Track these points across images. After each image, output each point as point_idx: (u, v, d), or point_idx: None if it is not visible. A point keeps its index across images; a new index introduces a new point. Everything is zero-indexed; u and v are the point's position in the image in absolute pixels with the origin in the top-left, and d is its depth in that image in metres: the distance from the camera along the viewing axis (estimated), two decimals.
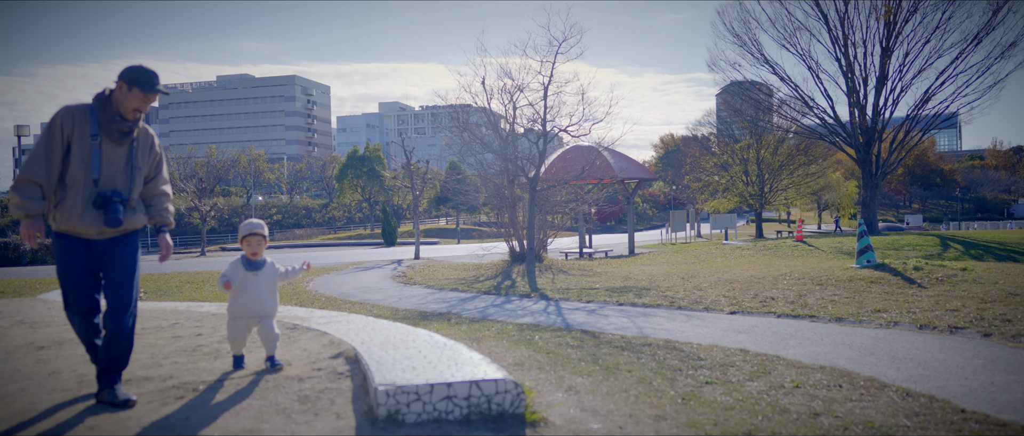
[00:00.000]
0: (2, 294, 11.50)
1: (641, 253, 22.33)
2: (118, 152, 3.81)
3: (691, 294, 9.88)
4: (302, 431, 3.26)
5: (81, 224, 3.70)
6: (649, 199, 76.34)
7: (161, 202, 4.08)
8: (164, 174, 4.13)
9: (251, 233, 4.19)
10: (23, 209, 3.63)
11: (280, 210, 68.83)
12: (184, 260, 27.89)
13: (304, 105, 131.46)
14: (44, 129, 3.74)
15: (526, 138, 17.09)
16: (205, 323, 6.38)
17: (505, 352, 5.63)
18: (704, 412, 3.76)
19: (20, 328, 6.65)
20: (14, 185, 3.65)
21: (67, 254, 3.75)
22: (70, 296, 3.79)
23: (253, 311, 4.20)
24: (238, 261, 4.18)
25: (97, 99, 3.80)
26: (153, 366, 4.72)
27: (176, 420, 3.48)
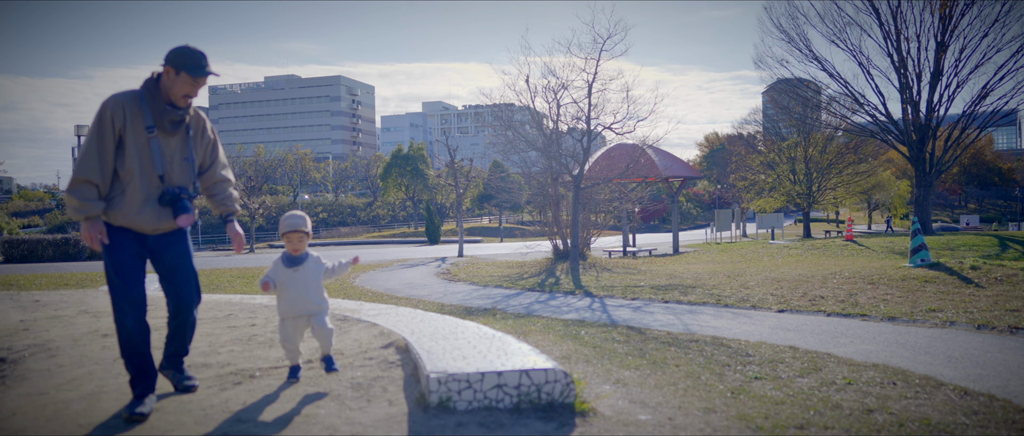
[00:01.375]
0: (66, 285, 11.95)
1: (686, 252, 22.11)
2: (172, 143, 3.59)
3: (738, 292, 9.77)
4: (356, 417, 3.34)
5: (139, 220, 3.51)
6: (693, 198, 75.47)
7: (224, 190, 3.85)
8: (222, 159, 3.88)
9: (292, 229, 3.84)
10: (82, 212, 3.40)
11: (326, 208, 69.96)
12: (234, 256, 28.55)
13: (349, 105, 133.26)
14: (93, 123, 3.47)
15: (570, 136, 17.07)
16: (258, 314, 6.55)
17: (552, 346, 5.66)
18: (754, 406, 3.74)
19: (84, 317, 6.92)
20: (69, 187, 3.44)
21: (118, 249, 3.52)
22: (120, 292, 3.52)
23: (301, 309, 3.88)
24: (279, 259, 3.89)
25: (146, 86, 3.54)
26: (211, 353, 4.88)
27: (235, 404, 3.60)
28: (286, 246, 3.87)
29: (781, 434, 3.23)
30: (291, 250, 3.88)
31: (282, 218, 3.88)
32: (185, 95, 3.51)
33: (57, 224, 62.91)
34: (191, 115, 3.67)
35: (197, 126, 3.72)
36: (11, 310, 7.63)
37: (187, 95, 3.52)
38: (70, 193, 3.42)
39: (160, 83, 3.52)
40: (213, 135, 3.83)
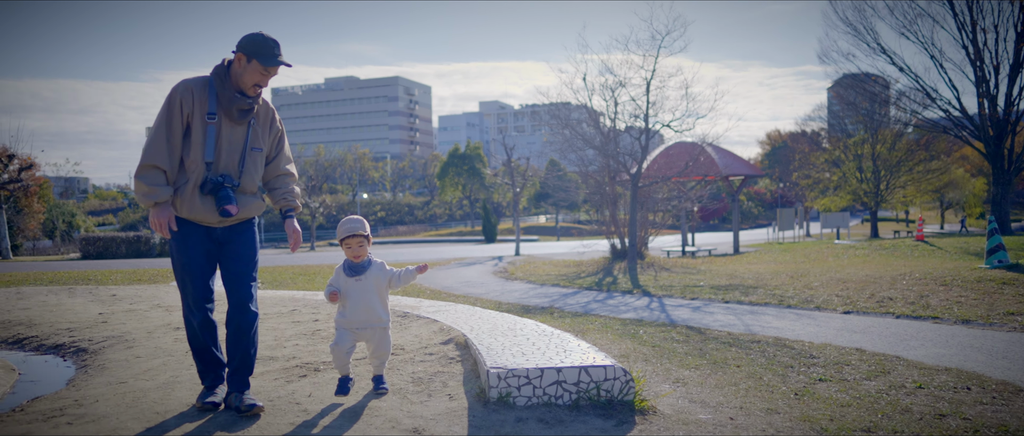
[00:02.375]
0: (139, 281, 12.45)
1: (746, 252, 21.69)
2: (237, 132, 3.45)
3: (801, 293, 9.54)
4: (418, 410, 3.40)
5: (202, 211, 3.39)
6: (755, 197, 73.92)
7: (286, 184, 3.68)
8: (287, 152, 3.73)
9: (351, 234, 3.54)
10: (150, 197, 3.30)
11: (384, 207, 71.07)
12: (295, 254, 29.27)
13: (406, 105, 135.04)
14: (162, 108, 3.37)
15: (627, 134, 16.94)
16: (321, 310, 6.71)
17: (610, 344, 5.64)
18: (819, 408, 3.65)
19: (157, 311, 7.22)
20: (137, 172, 3.32)
21: (185, 241, 3.42)
22: (187, 286, 3.45)
23: (361, 322, 3.58)
24: (340, 267, 3.62)
25: (216, 72, 3.42)
26: (277, 347, 5.03)
27: (300, 396, 3.70)
28: (346, 253, 3.59)
29: None
30: (351, 257, 3.59)
31: (340, 223, 3.62)
32: (255, 84, 3.39)
33: (129, 222, 65.59)
34: (260, 105, 3.55)
35: (265, 117, 3.58)
36: (90, 303, 8.01)
37: (257, 84, 3.39)
38: (138, 179, 3.31)
39: (231, 70, 3.40)
40: (280, 127, 3.69)
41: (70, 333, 6.08)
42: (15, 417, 3.48)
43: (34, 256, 35.82)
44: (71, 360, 5.24)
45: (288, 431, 3.12)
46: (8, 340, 5.99)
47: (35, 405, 3.73)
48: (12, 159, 32.79)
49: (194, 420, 3.31)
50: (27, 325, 6.56)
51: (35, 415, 3.48)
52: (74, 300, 8.36)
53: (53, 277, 14.17)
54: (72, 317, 6.95)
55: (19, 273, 16.30)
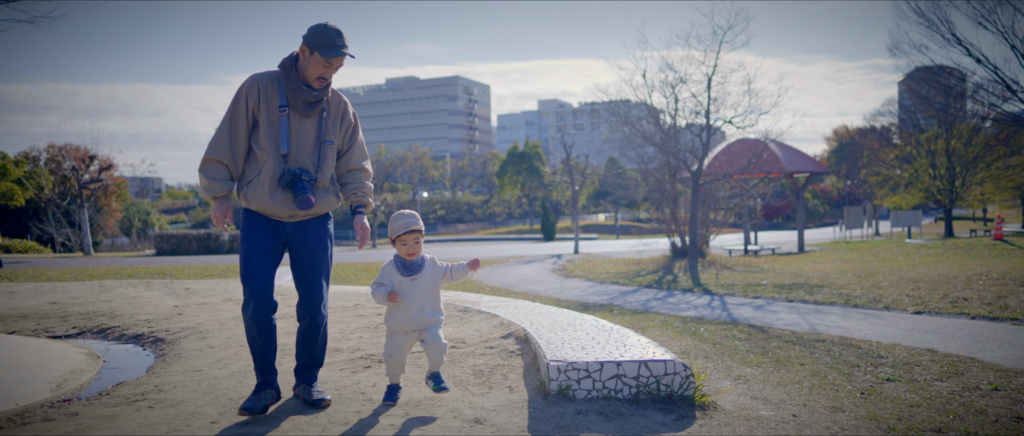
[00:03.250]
0: (211, 276, 12.94)
1: (811, 251, 21.13)
2: (307, 125, 3.38)
3: (869, 292, 9.27)
4: (478, 401, 3.46)
5: (272, 205, 3.32)
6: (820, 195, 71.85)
7: (358, 179, 3.57)
8: (360, 147, 3.60)
9: (406, 230, 3.31)
10: (210, 191, 3.33)
11: (443, 205, 71.83)
12: (356, 251, 29.92)
13: (466, 104, 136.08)
14: (231, 103, 3.37)
15: (688, 131, 16.72)
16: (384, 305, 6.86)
17: (670, 341, 5.61)
18: (886, 407, 3.57)
19: (228, 304, 7.50)
20: (200, 166, 3.36)
21: (251, 234, 3.38)
22: (246, 280, 3.36)
23: (415, 323, 3.37)
24: (391, 265, 3.37)
25: (283, 64, 3.37)
26: (342, 339, 5.18)
27: (365, 385, 3.82)
28: (399, 250, 3.36)
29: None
30: (406, 255, 3.35)
31: (391, 219, 3.39)
32: (319, 76, 3.30)
33: (200, 220, 68.05)
34: (330, 96, 3.47)
35: (336, 109, 3.49)
36: (166, 297, 8.38)
37: (321, 76, 3.31)
38: (201, 172, 3.35)
39: (297, 62, 3.34)
40: (354, 120, 3.58)
41: (148, 324, 6.38)
42: (102, 400, 3.69)
43: (113, 252, 37.54)
44: (150, 349, 5.51)
45: (354, 419, 3.22)
46: (93, 330, 6.32)
47: (119, 389, 3.95)
48: (93, 160, 34.41)
49: (266, 406, 3.44)
50: (109, 316, 6.91)
51: (120, 399, 3.69)
52: (151, 293, 8.75)
53: (131, 272, 14.84)
54: (150, 309, 7.29)
55: (100, 268, 17.13)
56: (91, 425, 3.21)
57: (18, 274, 14.13)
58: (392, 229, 3.36)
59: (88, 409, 3.51)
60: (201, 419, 3.27)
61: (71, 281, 11.32)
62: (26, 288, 9.55)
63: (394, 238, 3.36)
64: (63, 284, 10.26)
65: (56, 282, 10.95)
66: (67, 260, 24.08)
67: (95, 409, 3.50)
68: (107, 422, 3.25)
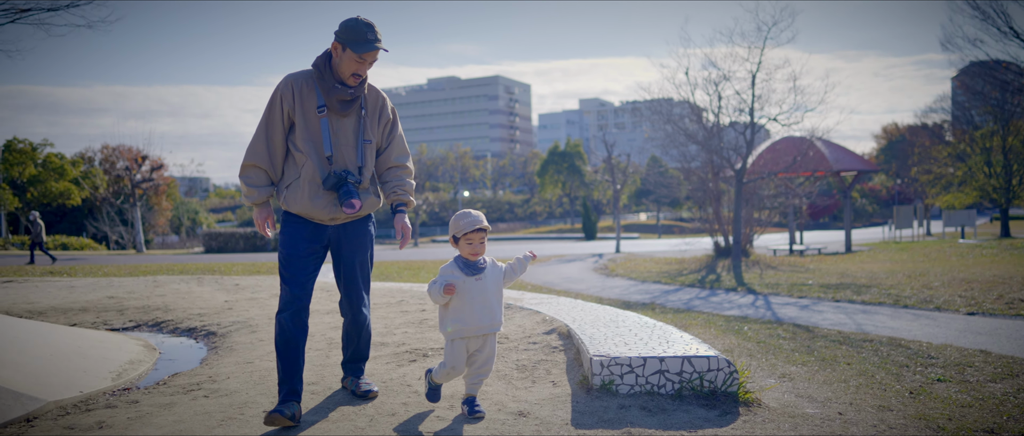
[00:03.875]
0: (259, 272, 13.25)
1: (859, 251, 20.70)
2: (345, 124, 3.28)
3: (919, 293, 9.07)
4: (522, 395, 3.51)
5: (313, 208, 3.23)
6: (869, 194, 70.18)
7: (398, 177, 3.44)
8: (400, 143, 3.48)
9: (474, 228, 3.12)
10: (250, 198, 3.28)
11: (484, 205, 72.11)
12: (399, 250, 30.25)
13: (506, 104, 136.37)
14: (266, 106, 3.28)
15: (732, 129, 16.53)
16: (428, 301, 6.95)
17: (713, 339, 5.58)
18: (936, 407, 3.51)
19: (276, 300, 7.67)
20: (240, 172, 3.29)
21: (292, 238, 3.28)
22: (286, 283, 3.26)
23: (478, 327, 3.15)
24: (452, 266, 3.16)
25: (317, 64, 3.27)
26: (387, 334, 5.28)
27: (411, 378, 3.89)
28: (463, 250, 3.17)
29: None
30: (470, 254, 3.16)
31: (456, 217, 3.20)
32: (353, 73, 3.19)
33: (246, 219, 69.49)
34: (366, 94, 3.36)
35: (374, 105, 3.39)
36: (217, 292, 8.62)
37: (356, 73, 3.19)
38: (240, 179, 3.29)
39: (330, 60, 3.25)
40: (393, 116, 3.46)
41: (201, 318, 6.58)
42: (160, 389, 3.84)
43: (163, 250, 38.61)
44: (203, 342, 5.68)
45: (401, 410, 3.30)
46: (148, 323, 6.55)
47: (175, 380, 4.10)
48: (145, 160, 35.44)
49: (315, 397, 3.55)
50: (164, 310, 7.14)
51: (177, 388, 3.83)
52: (202, 288, 9.01)
53: (182, 268, 15.27)
54: (202, 304, 7.51)
55: (153, 264, 17.66)
56: (151, 412, 3.35)
57: (76, 270, 14.65)
58: (457, 227, 3.16)
59: (147, 397, 3.65)
60: (254, 408, 3.38)
61: (127, 277, 11.70)
62: (85, 283, 9.92)
63: (459, 236, 3.16)
64: (119, 279, 10.62)
65: (112, 277, 11.34)
66: (121, 257, 24.85)
67: (154, 397, 3.64)
68: (166, 410, 3.38)
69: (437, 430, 3.00)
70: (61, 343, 4.63)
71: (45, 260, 19.97)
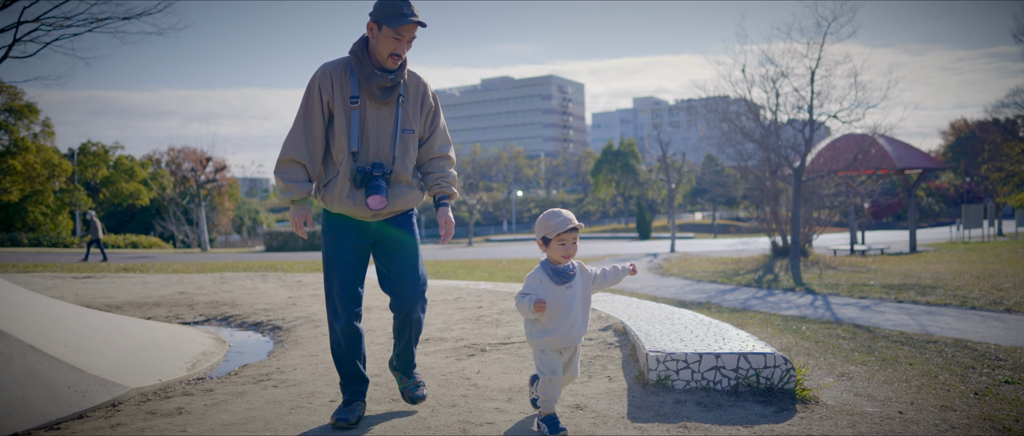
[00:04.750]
0: (318, 270, 13.60)
1: (924, 251, 20.06)
2: (384, 114, 3.07)
3: (988, 294, 8.78)
4: (579, 390, 3.58)
5: (353, 206, 3.05)
6: (936, 192, 67.76)
7: (441, 168, 3.25)
8: (442, 132, 3.27)
9: (567, 228, 2.89)
10: (286, 194, 3.06)
11: (538, 204, 72.20)
12: (454, 249, 30.52)
13: (560, 103, 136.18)
14: (303, 97, 3.10)
15: (790, 127, 16.23)
16: (484, 298, 7.07)
17: (770, 338, 5.54)
18: (1002, 408, 3.44)
19: None
20: (276, 168, 3.08)
21: (335, 239, 3.13)
22: (334, 287, 3.14)
23: (567, 339, 2.94)
24: (540, 273, 2.95)
25: (353, 49, 3.07)
26: (446, 330, 5.41)
27: (470, 372, 4.00)
28: (554, 253, 2.94)
29: None
30: (561, 257, 2.95)
31: (545, 216, 2.97)
32: (391, 54, 2.98)
33: None
34: (406, 79, 3.15)
35: (415, 92, 3.17)
36: (280, 288, 8.91)
37: (394, 53, 2.98)
38: (276, 175, 3.08)
39: (367, 44, 3.05)
40: (434, 103, 3.25)
41: (266, 313, 6.84)
42: (232, 379, 4.04)
43: (226, 248, 39.85)
44: (269, 335, 5.92)
45: (461, 402, 3.40)
46: (217, 317, 6.83)
47: (245, 370, 4.30)
48: (209, 161, 36.66)
49: (376, 385, 3.68)
50: (231, 305, 7.44)
51: (247, 378, 4.02)
52: (267, 285, 9.32)
53: (246, 266, 15.77)
54: (267, 299, 7.79)
55: (218, 262, 18.28)
56: (225, 400, 3.53)
57: (148, 267, 15.29)
58: (547, 227, 2.93)
59: (221, 386, 3.85)
60: (321, 398, 3.53)
61: (195, 273, 12.17)
62: (157, 279, 10.37)
63: (550, 237, 2.93)
64: (189, 276, 11.06)
65: (182, 274, 11.81)
66: (187, 255, 25.79)
67: (227, 386, 3.83)
68: (239, 398, 3.56)
69: (496, 420, 3.09)
70: (140, 335, 4.89)
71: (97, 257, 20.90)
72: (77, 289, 9.01)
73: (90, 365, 3.72)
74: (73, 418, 3.26)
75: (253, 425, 3.08)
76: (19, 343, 3.51)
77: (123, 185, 43.29)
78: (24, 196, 35.91)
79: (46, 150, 35.53)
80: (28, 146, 34.39)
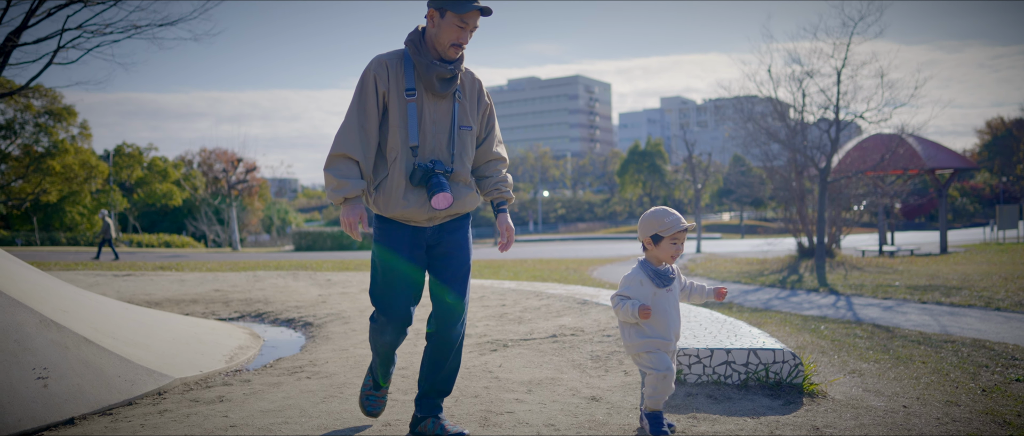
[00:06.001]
0: (347, 269, 13.90)
1: (955, 252, 19.84)
2: (441, 108, 2.89)
3: (1015, 295, 8.76)
4: (595, 382, 3.75)
5: (409, 208, 2.83)
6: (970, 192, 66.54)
7: (498, 171, 3.07)
8: (497, 133, 3.11)
9: (681, 228, 2.82)
10: (338, 192, 2.79)
11: (564, 204, 72.29)
12: (480, 250, 30.78)
13: (586, 103, 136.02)
14: (355, 90, 2.90)
15: (816, 127, 16.19)
16: (507, 297, 7.26)
17: (786, 337, 5.66)
18: (1007, 404, 3.55)
19: (365, 295, 8.16)
20: (326, 164, 2.84)
21: (389, 244, 2.88)
22: (383, 300, 2.90)
23: (668, 343, 2.84)
24: (640, 275, 2.85)
25: (410, 39, 2.91)
26: (469, 326, 5.61)
27: (492, 365, 4.19)
28: (667, 251, 2.84)
29: None
30: (668, 258, 2.86)
31: (657, 214, 2.86)
32: (453, 43, 2.82)
33: (333, 218, 71.94)
34: (463, 72, 2.98)
35: (471, 88, 3.00)
36: (311, 287, 9.19)
37: (456, 43, 2.82)
38: (327, 171, 2.83)
39: (425, 34, 2.89)
40: (490, 102, 3.08)
41: (298, 310, 7.10)
42: (267, 371, 4.27)
43: (256, 248, 40.55)
44: (301, 331, 6.16)
45: (483, 393, 3.59)
46: (251, 314, 7.11)
47: (280, 363, 4.53)
48: (240, 162, 37.33)
49: (404, 377, 3.89)
50: (264, 302, 7.72)
51: (282, 370, 4.25)
52: (298, 283, 9.61)
53: (277, 265, 16.15)
54: (298, 297, 8.05)
55: (250, 261, 18.71)
56: (263, 389, 3.76)
57: (183, 265, 15.73)
58: (662, 226, 2.82)
59: (258, 377, 4.08)
60: (351, 388, 3.74)
61: (229, 272, 12.53)
62: (193, 277, 10.73)
63: (665, 235, 2.82)
64: (223, 274, 11.41)
65: (217, 272, 12.18)
66: (218, 254, 26.35)
67: (263, 377, 4.07)
68: (275, 388, 3.79)
69: (516, 410, 3.27)
70: (181, 329, 5.16)
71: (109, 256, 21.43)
72: (118, 286, 9.38)
73: (137, 356, 3.98)
74: (123, 405, 3.51)
75: (289, 412, 3.30)
76: (74, 335, 3.77)
77: (157, 186, 44.30)
78: (62, 197, 36.93)
79: (84, 152, 36.52)
80: (67, 148, 35.37)
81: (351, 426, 3.09)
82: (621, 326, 2.91)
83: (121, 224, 45.72)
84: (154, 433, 3.02)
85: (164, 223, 47.06)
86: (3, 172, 35.42)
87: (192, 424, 3.13)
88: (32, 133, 35.01)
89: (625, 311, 2.78)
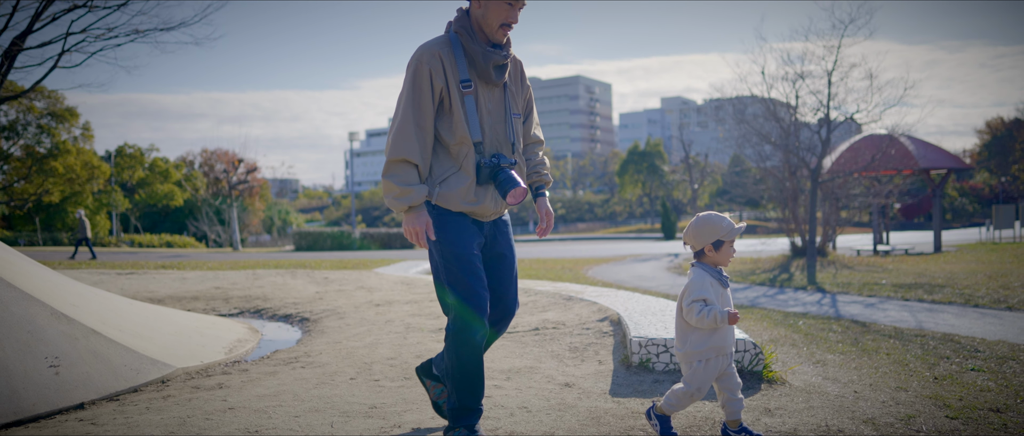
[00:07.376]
0: (345, 268, 14.16)
1: (947, 251, 20.07)
2: (495, 98, 2.75)
3: (994, 293, 9.00)
4: (571, 371, 4.00)
5: (481, 204, 2.71)
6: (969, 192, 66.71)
7: (538, 154, 2.98)
8: (536, 115, 3.00)
9: (742, 229, 2.80)
10: (403, 200, 2.61)
11: (564, 205, 72.53)
12: None
13: (587, 103, 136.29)
14: (406, 85, 2.67)
15: (808, 128, 16.44)
16: None
17: (761, 331, 5.90)
18: (953, 390, 3.79)
19: (361, 291, 8.41)
20: (385, 170, 2.65)
21: (460, 239, 2.69)
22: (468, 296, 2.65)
23: (728, 343, 2.78)
24: (706, 277, 2.76)
25: (460, 25, 2.72)
26: None
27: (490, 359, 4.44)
28: (725, 256, 2.79)
29: (971, 415, 3.31)
30: (723, 260, 2.80)
31: (712, 220, 2.78)
32: (502, 23, 2.66)
33: (333, 219, 72.31)
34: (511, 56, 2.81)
35: (514, 71, 2.87)
36: (308, 284, 9.44)
37: (505, 23, 2.66)
38: (387, 178, 2.64)
39: (471, 17, 2.71)
40: (529, 83, 2.97)
41: (295, 306, 7.35)
42: (265, 362, 4.53)
43: (257, 247, 40.82)
44: (297, 326, 6.42)
45: None
46: (250, 310, 7.37)
47: (276, 355, 4.79)
48: (241, 163, 37.61)
49: (393, 366, 4.14)
50: (263, 299, 7.97)
51: (278, 361, 4.50)
52: (296, 281, 9.87)
53: (277, 264, 16.42)
54: (296, 294, 8.31)
55: (250, 260, 18.97)
56: (259, 377, 4.01)
57: (185, 265, 16.00)
58: (721, 231, 2.76)
59: (255, 367, 4.33)
60: (342, 376, 4.00)
61: (229, 270, 12.80)
62: (194, 275, 10.99)
63: (726, 240, 2.77)
64: (223, 272, 11.68)
65: (217, 271, 12.44)
66: (219, 254, 26.62)
67: (260, 367, 4.32)
68: (271, 376, 4.05)
69: (494, 394, 3.52)
70: (182, 323, 5.41)
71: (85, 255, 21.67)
72: (122, 284, 9.64)
73: (142, 347, 4.23)
74: (129, 391, 3.77)
75: (283, 397, 3.55)
76: (83, 327, 4.03)
77: (158, 186, 44.59)
78: (64, 197, 37.23)
79: (86, 153, 36.81)
80: (69, 149, 35.65)
81: (340, 409, 3.34)
82: (680, 327, 2.79)
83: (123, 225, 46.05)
84: (158, 415, 3.27)
85: (165, 223, 47.35)
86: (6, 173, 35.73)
87: (194, 407, 3.39)
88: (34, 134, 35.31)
89: (711, 318, 2.65)
